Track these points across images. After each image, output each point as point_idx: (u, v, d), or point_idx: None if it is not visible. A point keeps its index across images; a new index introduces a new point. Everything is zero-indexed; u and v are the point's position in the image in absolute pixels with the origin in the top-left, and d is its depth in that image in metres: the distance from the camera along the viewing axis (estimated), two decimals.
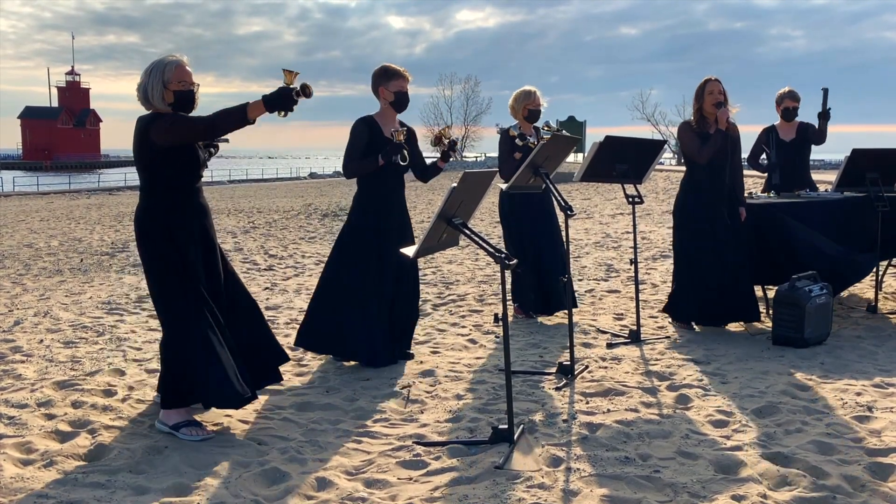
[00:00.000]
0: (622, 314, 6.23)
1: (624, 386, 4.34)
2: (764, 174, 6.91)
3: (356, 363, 4.82)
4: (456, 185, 3.38)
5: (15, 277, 8.45)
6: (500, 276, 4.24)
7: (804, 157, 6.80)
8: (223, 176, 43.69)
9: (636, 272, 5.56)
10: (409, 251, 3.56)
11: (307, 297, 7.12)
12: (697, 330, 5.62)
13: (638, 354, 5.02)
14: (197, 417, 3.76)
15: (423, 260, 8.75)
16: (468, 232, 3.49)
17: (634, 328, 5.41)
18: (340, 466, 3.29)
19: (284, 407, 4.05)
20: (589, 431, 3.63)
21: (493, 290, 7.37)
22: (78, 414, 3.87)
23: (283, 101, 3.33)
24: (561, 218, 5.26)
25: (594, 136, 62.63)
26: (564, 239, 4.95)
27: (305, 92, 3.34)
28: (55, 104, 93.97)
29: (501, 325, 3.59)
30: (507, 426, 3.48)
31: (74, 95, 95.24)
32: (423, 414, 3.95)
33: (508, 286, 6.07)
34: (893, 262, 6.67)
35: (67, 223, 15.34)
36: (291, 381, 4.49)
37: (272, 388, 4.22)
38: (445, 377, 4.57)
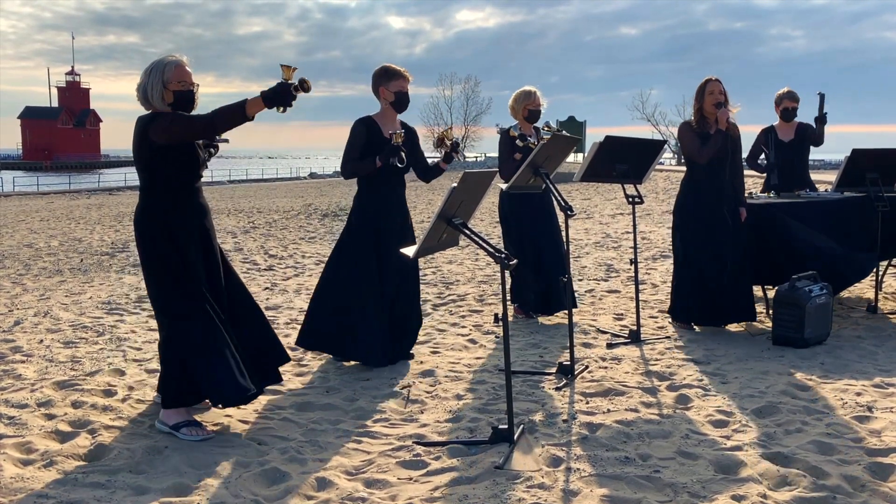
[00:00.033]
0: (622, 314, 6.24)
1: (624, 386, 4.34)
2: (762, 174, 6.91)
3: (356, 363, 4.82)
4: (456, 185, 3.38)
5: (15, 277, 8.45)
6: (500, 276, 4.23)
7: (803, 157, 6.81)
8: (223, 176, 43.71)
9: (636, 272, 5.56)
10: (409, 251, 3.56)
11: (307, 297, 7.12)
12: (697, 330, 5.62)
13: (638, 354, 5.02)
14: (197, 417, 3.76)
15: (423, 260, 8.75)
16: (468, 232, 3.49)
17: (634, 328, 5.41)
18: (340, 466, 3.29)
19: (284, 407, 4.05)
20: (589, 431, 3.63)
21: (493, 290, 7.37)
22: (78, 414, 3.87)
23: (281, 96, 3.32)
24: (561, 218, 5.26)
25: (594, 136, 62.71)
26: (564, 239, 4.95)
27: (304, 87, 3.33)
28: (55, 104, 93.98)
29: (501, 325, 3.59)
30: (507, 426, 3.48)
31: (74, 95, 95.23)
32: (423, 414, 3.95)
33: (508, 286, 6.07)
34: (893, 262, 6.67)
35: (67, 223, 15.34)
36: (291, 381, 4.50)
37: (272, 388, 4.22)
38: (445, 377, 4.57)
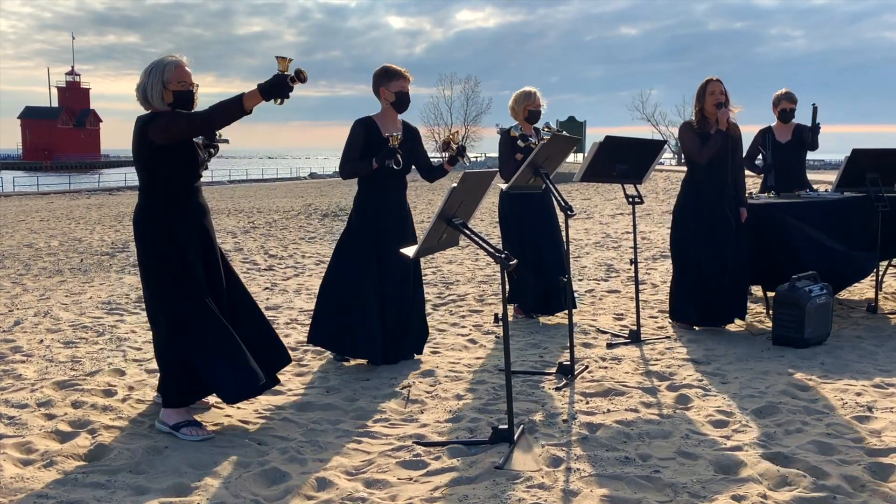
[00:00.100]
0: (622, 314, 6.23)
1: (624, 386, 4.34)
2: (759, 175, 6.92)
3: (356, 363, 4.83)
4: (456, 185, 3.38)
5: (15, 277, 8.45)
6: (500, 276, 4.23)
7: (800, 158, 6.80)
8: (223, 176, 43.71)
9: (636, 272, 5.56)
10: (409, 251, 3.56)
11: (307, 297, 7.12)
12: (697, 330, 5.62)
13: (638, 354, 5.02)
14: (197, 417, 3.76)
15: (423, 260, 8.74)
16: (468, 232, 3.49)
17: (634, 328, 5.41)
18: (340, 466, 3.29)
19: (284, 407, 4.05)
20: (589, 431, 3.63)
21: (493, 290, 7.37)
22: (78, 414, 3.87)
23: (278, 88, 3.32)
24: (561, 218, 5.27)
25: (594, 136, 62.72)
26: (564, 239, 4.95)
27: (300, 77, 3.33)
28: (55, 104, 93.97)
29: (501, 325, 3.59)
30: (507, 426, 3.48)
31: (74, 95, 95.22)
32: (423, 414, 3.95)
33: (508, 286, 6.07)
34: (893, 262, 6.67)
35: (67, 223, 15.33)
36: (291, 381, 4.50)
37: (273, 388, 4.21)
38: (445, 377, 4.57)
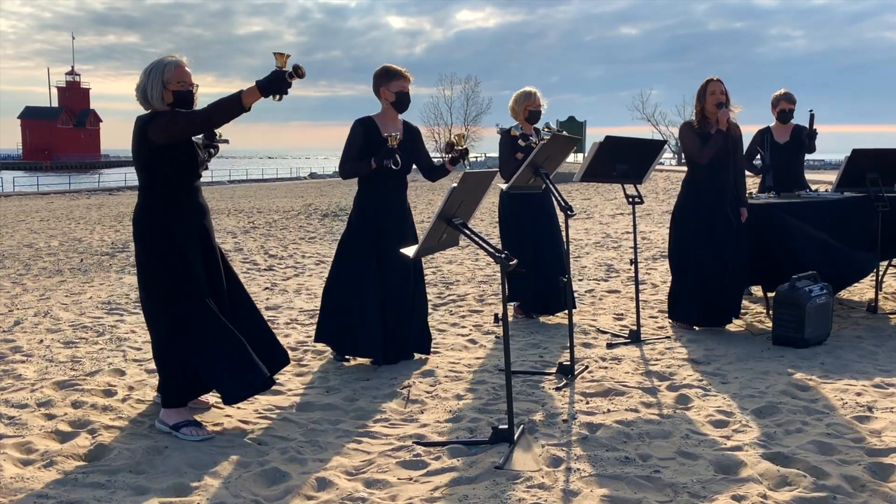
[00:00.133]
0: (622, 314, 6.23)
1: (624, 386, 4.34)
2: (757, 175, 6.92)
3: (356, 363, 4.83)
4: (456, 185, 3.38)
5: (15, 277, 8.45)
6: (500, 276, 4.23)
7: (798, 159, 6.80)
8: (223, 176, 43.70)
9: (636, 272, 5.56)
10: (409, 251, 3.56)
11: (307, 297, 7.13)
12: (697, 330, 5.62)
13: (638, 354, 5.02)
14: (197, 417, 3.76)
15: (423, 260, 8.75)
16: (468, 232, 3.49)
17: (634, 328, 5.41)
18: (340, 466, 3.29)
19: (284, 407, 4.05)
20: (589, 431, 3.63)
21: (493, 290, 7.37)
22: (78, 414, 3.87)
23: (276, 84, 3.32)
24: (561, 218, 5.26)
25: (594, 136, 62.69)
26: (564, 239, 4.95)
27: (298, 73, 3.33)
28: (55, 104, 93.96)
29: (501, 325, 3.59)
30: (507, 426, 3.48)
31: (74, 95, 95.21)
32: (423, 414, 3.95)
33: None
34: (893, 262, 6.67)
35: (67, 223, 15.33)
36: (291, 381, 4.50)
37: (272, 388, 4.21)
38: (445, 377, 4.57)
